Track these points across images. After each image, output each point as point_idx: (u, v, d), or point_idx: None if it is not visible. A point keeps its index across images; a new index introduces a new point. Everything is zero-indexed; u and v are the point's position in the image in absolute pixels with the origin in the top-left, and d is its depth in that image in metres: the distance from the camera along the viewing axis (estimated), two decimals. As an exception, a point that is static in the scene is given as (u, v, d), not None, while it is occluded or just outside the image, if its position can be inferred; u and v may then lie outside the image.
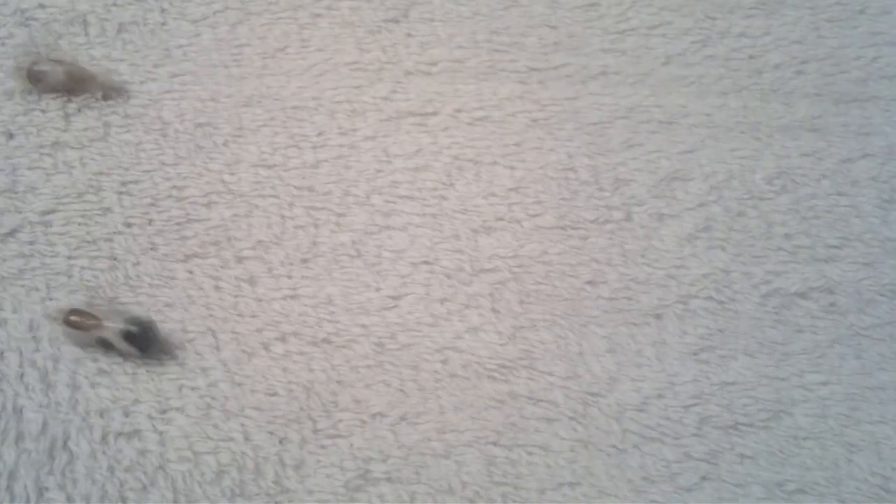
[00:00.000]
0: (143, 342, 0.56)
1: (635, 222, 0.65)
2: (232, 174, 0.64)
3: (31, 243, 0.60)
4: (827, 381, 0.61)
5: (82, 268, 0.60)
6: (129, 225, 0.62)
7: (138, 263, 0.60)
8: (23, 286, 0.59)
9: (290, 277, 0.61)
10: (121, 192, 0.62)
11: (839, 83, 0.72)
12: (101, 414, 0.56)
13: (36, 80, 0.61)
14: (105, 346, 0.56)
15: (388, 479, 0.56)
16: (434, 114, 0.67)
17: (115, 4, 0.69)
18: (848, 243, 0.66)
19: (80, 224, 0.61)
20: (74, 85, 0.60)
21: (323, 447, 0.56)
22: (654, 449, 0.58)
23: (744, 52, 0.72)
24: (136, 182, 0.63)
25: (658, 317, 0.62)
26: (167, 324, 0.59)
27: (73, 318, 0.56)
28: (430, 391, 0.58)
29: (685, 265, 0.64)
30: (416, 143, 0.66)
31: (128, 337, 0.55)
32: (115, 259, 0.60)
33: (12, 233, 0.60)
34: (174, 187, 0.63)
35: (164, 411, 0.56)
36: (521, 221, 0.64)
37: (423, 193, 0.65)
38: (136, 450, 0.55)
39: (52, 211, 0.61)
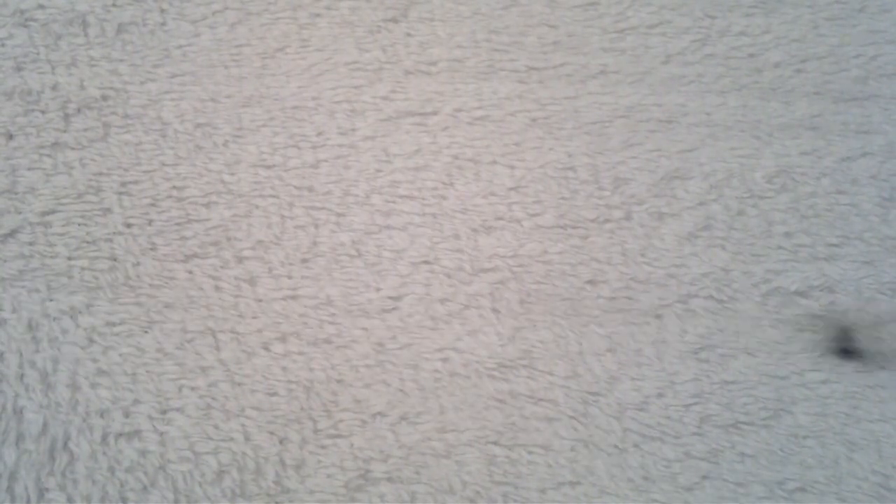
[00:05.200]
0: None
1: (635, 221, 0.65)
2: (232, 174, 0.64)
3: (31, 244, 0.60)
4: (827, 379, 0.61)
5: (82, 268, 0.60)
6: (128, 225, 0.62)
7: (138, 264, 0.60)
8: (23, 287, 0.59)
9: (290, 277, 0.61)
10: (120, 193, 0.62)
11: (839, 81, 0.72)
12: (102, 414, 0.56)
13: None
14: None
15: (389, 479, 0.56)
16: (434, 113, 0.67)
17: (114, 5, 0.68)
18: (848, 242, 0.66)
19: (80, 225, 0.61)
20: None
21: (323, 447, 0.56)
22: (654, 448, 0.58)
23: (743, 50, 0.72)
24: (135, 182, 0.63)
25: (658, 316, 0.62)
26: (167, 324, 0.59)
27: None
28: (431, 391, 0.58)
29: (685, 264, 0.64)
30: (415, 142, 0.66)
31: None
32: (115, 259, 0.60)
33: (12, 233, 0.60)
34: (174, 187, 0.63)
35: (164, 411, 0.56)
36: (520, 221, 0.64)
37: (423, 193, 0.65)
38: (136, 450, 0.55)
39: (52, 212, 0.61)
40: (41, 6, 0.68)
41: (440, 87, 0.68)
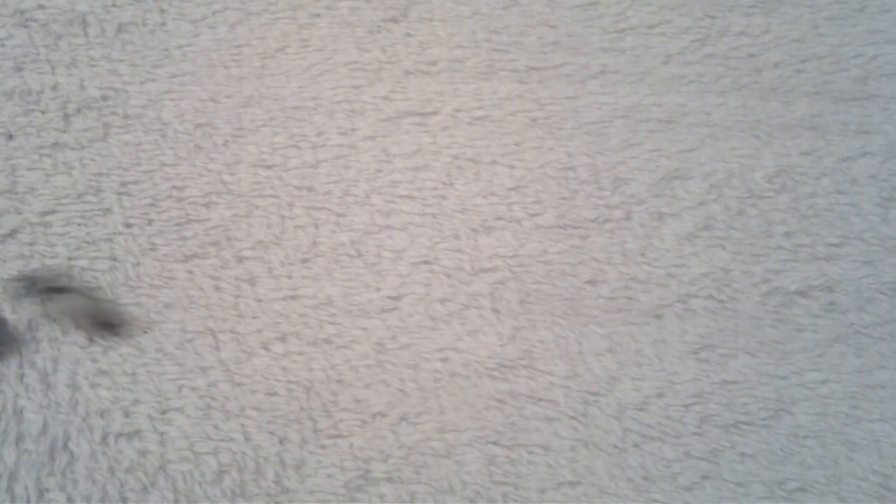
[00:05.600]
0: None
1: (635, 221, 0.65)
2: (232, 174, 0.64)
3: (31, 244, 0.60)
4: (827, 379, 0.61)
5: (82, 268, 0.60)
6: (128, 225, 0.62)
7: (138, 264, 0.60)
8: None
9: (290, 278, 0.61)
10: (120, 193, 0.62)
11: (839, 81, 0.72)
12: (102, 414, 0.56)
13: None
14: None
15: (389, 479, 0.56)
16: (434, 113, 0.67)
17: (114, 5, 0.69)
18: (848, 241, 0.66)
19: (79, 225, 0.61)
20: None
21: (323, 447, 0.56)
22: (654, 448, 0.58)
23: (743, 50, 0.72)
24: (135, 183, 0.63)
25: (658, 316, 0.62)
26: (167, 324, 0.59)
27: None
28: (430, 391, 0.58)
29: (685, 264, 0.64)
30: (415, 142, 0.66)
31: None
32: (115, 260, 0.60)
33: (12, 233, 0.60)
34: (174, 187, 0.63)
35: (164, 411, 0.56)
36: (520, 221, 0.64)
37: (423, 193, 0.65)
38: (136, 450, 0.55)
39: (52, 212, 0.61)
40: (41, 6, 0.68)
41: (440, 87, 0.68)
